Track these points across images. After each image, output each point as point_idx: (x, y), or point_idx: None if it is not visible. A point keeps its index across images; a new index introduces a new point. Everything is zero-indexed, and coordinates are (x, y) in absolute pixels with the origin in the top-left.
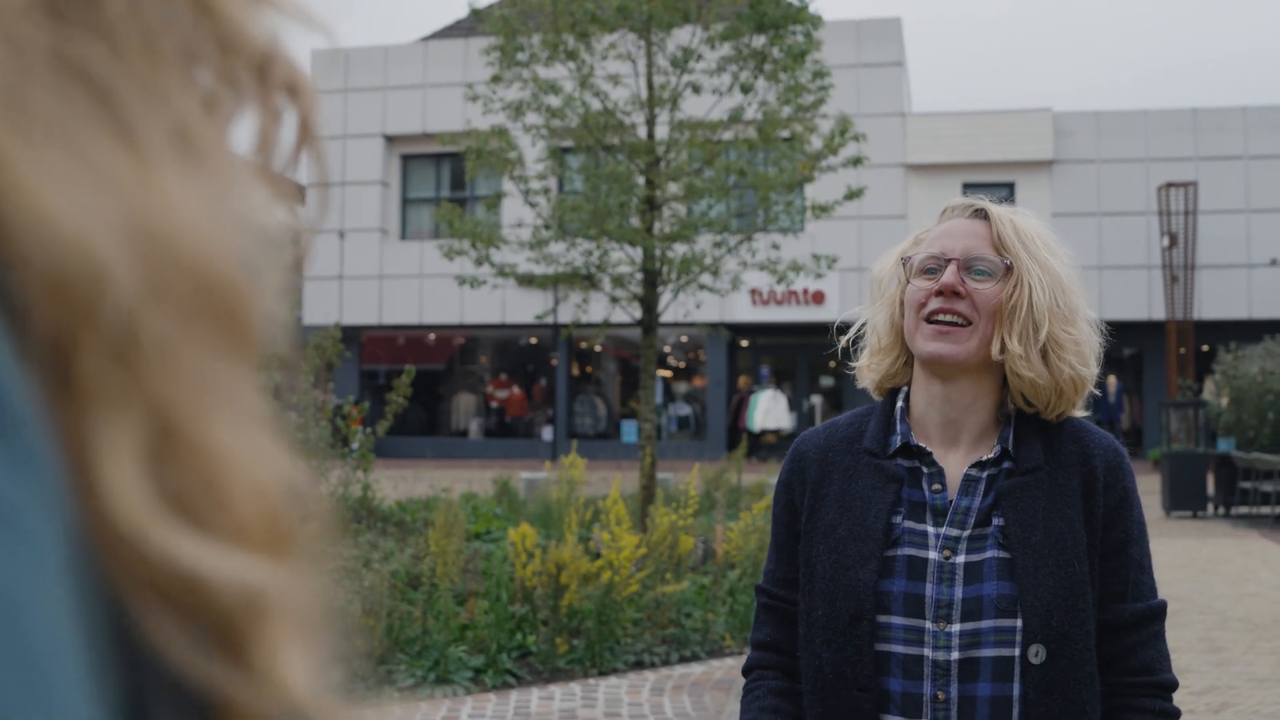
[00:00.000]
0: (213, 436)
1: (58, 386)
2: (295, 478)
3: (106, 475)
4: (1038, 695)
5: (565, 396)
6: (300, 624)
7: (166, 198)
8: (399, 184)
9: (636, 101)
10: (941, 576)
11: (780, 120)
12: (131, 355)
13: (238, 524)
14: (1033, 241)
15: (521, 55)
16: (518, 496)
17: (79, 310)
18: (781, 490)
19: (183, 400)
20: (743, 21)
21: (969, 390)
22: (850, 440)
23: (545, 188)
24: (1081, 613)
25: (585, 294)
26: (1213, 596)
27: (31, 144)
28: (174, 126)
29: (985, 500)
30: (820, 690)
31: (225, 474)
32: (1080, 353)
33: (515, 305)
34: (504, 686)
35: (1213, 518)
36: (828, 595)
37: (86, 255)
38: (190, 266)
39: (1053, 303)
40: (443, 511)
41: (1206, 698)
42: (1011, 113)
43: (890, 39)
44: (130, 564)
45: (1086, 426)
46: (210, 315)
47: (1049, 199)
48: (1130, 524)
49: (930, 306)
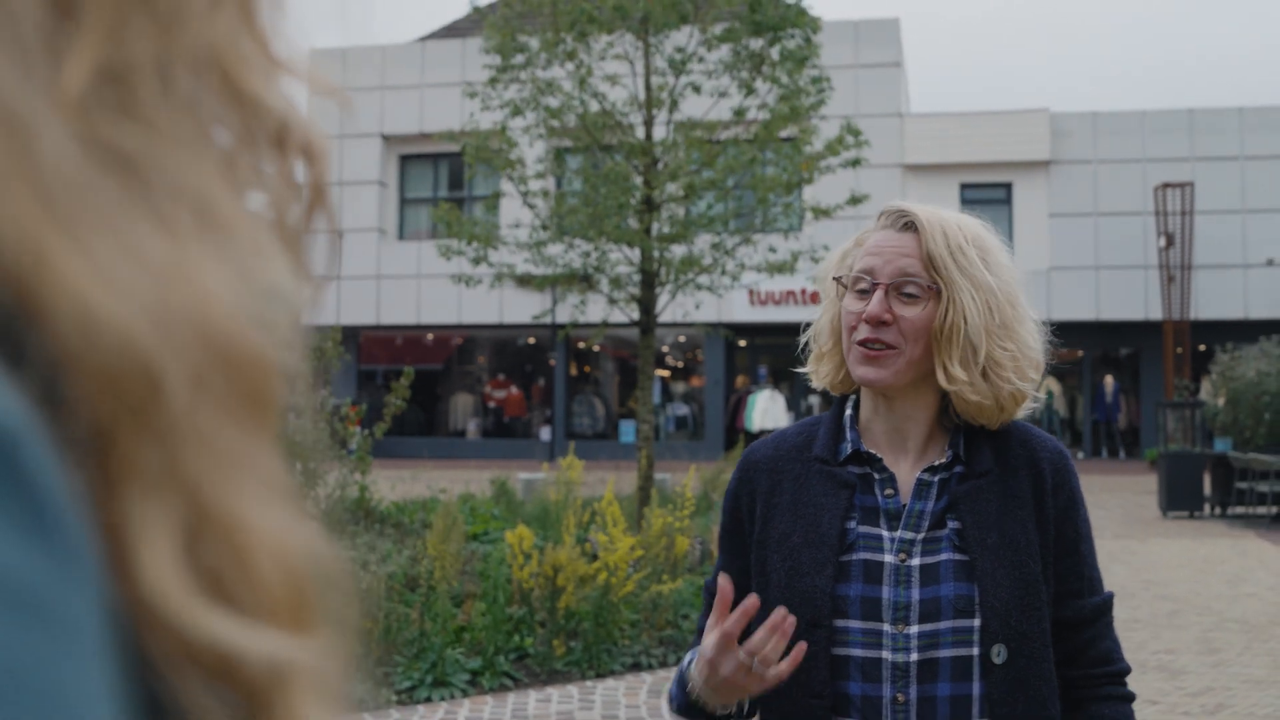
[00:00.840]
0: (241, 514)
1: (96, 471)
2: (317, 549)
3: (144, 558)
4: (1001, 694)
5: (563, 397)
6: (321, 689)
7: (200, 281)
8: (396, 184)
9: (635, 102)
10: (898, 579)
11: (779, 122)
12: (170, 440)
13: (264, 598)
14: (964, 254)
15: (520, 56)
16: (515, 497)
17: (127, 403)
18: (730, 501)
19: (214, 479)
20: (741, 24)
21: (909, 404)
22: (800, 449)
23: (544, 189)
24: (1038, 611)
25: (583, 294)
26: (1210, 597)
27: (77, 238)
28: (199, 202)
29: (938, 504)
30: (775, 696)
31: (252, 551)
32: (1019, 368)
33: (513, 305)
34: (501, 689)
35: (1209, 518)
36: (783, 602)
37: (135, 351)
38: (223, 349)
39: (988, 320)
40: (440, 514)
41: (1202, 699)
42: (1009, 113)
43: (888, 39)
44: (166, 641)
45: (1031, 430)
46: (239, 393)
47: (1046, 199)
48: (1079, 523)
49: (860, 333)
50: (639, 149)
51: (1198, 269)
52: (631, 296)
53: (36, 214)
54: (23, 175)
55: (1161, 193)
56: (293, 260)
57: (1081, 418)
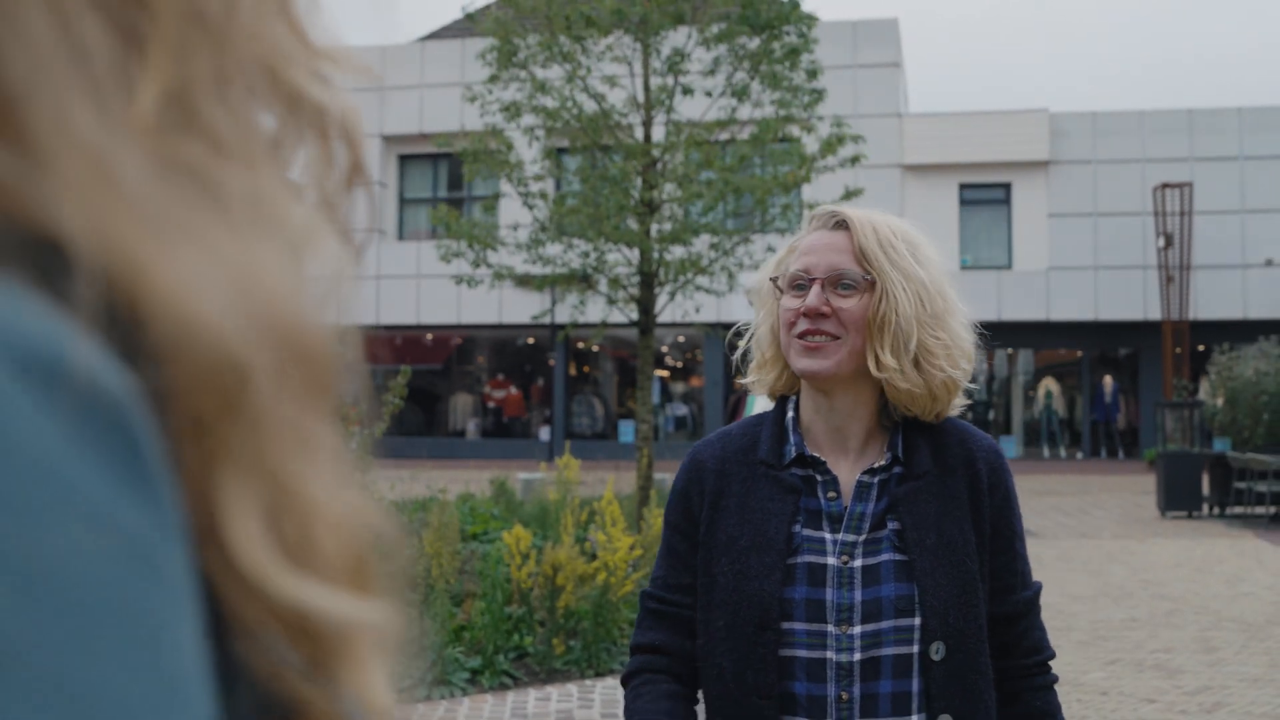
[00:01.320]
0: (312, 490)
1: (191, 454)
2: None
3: (235, 530)
4: (939, 689)
5: (563, 397)
6: (383, 647)
7: (268, 277)
8: (396, 184)
9: (633, 103)
10: (841, 581)
11: (776, 122)
12: (258, 427)
13: (331, 564)
14: (894, 249)
15: (517, 57)
16: (514, 497)
17: (221, 394)
18: (679, 500)
19: (290, 459)
20: (737, 22)
21: (849, 399)
22: (745, 451)
23: (542, 190)
24: (975, 608)
25: (582, 295)
26: (1208, 597)
27: (164, 248)
28: (257, 199)
29: (879, 505)
30: (721, 698)
31: (322, 522)
32: (950, 356)
33: (512, 306)
34: (501, 688)
35: (1208, 518)
36: (731, 605)
37: (226, 347)
38: (293, 340)
39: (919, 310)
40: (438, 513)
41: (1200, 697)
42: (1008, 113)
43: (887, 40)
44: (251, 603)
45: (968, 429)
46: (307, 380)
47: (1045, 199)
48: (1014, 520)
49: (799, 327)
50: (638, 150)
51: (1197, 269)
52: (631, 297)
53: (129, 230)
54: (113, 199)
55: (1160, 193)
56: (337, 235)
57: (1080, 418)
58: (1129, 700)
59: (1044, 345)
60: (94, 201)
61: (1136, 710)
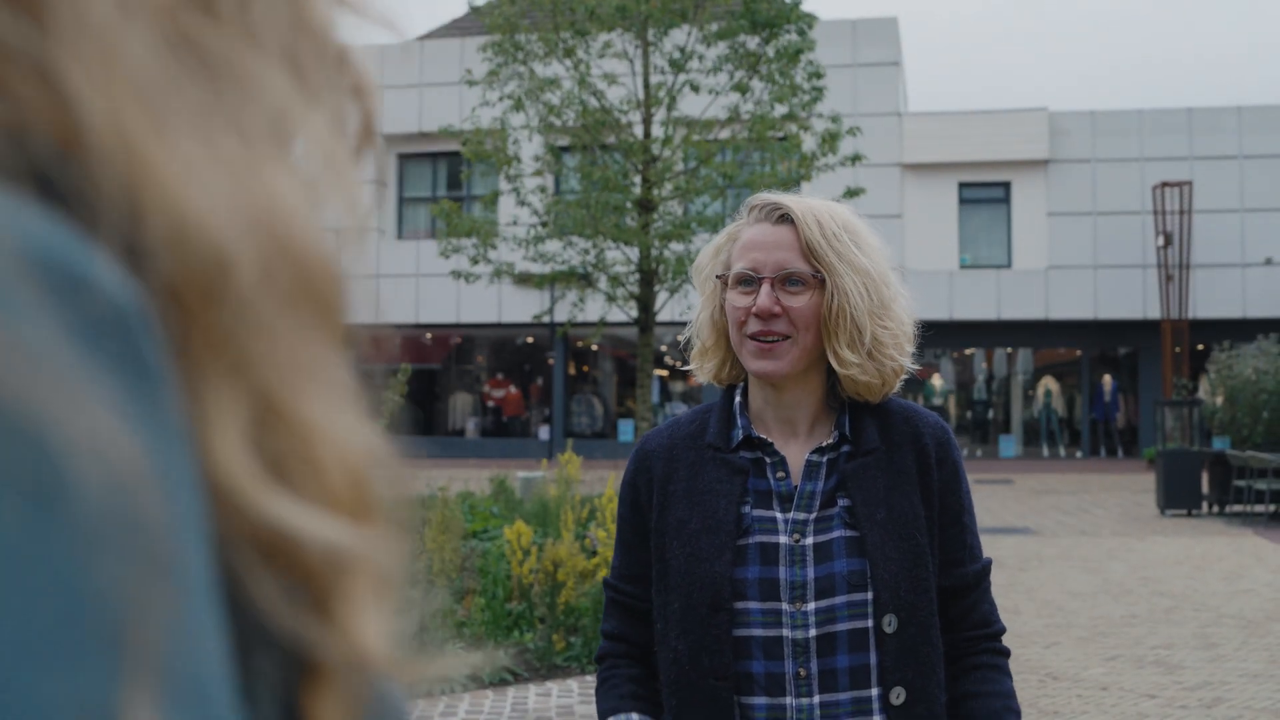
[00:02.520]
0: (308, 410)
1: (184, 356)
2: (380, 450)
3: (214, 439)
4: (893, 662)
5: (562, 396)
6: (379, 585)
7: (273, 186)
8: (395, 183)
9: (633, 101)
10: (793, 559)
11: (774, 121)
12: (243, 334)
13: (327, 490)
14: (840, 241)
15: (519, 53)
16: (514, 495)
17: (204, 292)
18: (627, 490)
19: (283, 376)
20: (737, 20)
21: (798, 391)
22: (693, 437)
23: (541, 185)
24: (924, 581)
25: (582, 293)
26: (1207, 594)
27: (170, 136)
28: (274, 112)
29: (828, 483)
30: (677, 681)
31: (317, 444)
32: (899, 344)
33: (512, 304)
34: (501, 683)
35: (1207, 516)
36: (684, 589)
37: (214, 243)
38: (294, 252)
39: (870, 303)
40: (439, 509)
41: (1200, 693)
42: (1007, 112)
43: (886, 39)
44: (230, 520)
45: (913, 407)
46: (308, 298)
47: (1044, 198)
48: (962, 494)
49: (750, 327)
50: (637, 148)
51: (1196, 268)
52: (630, 295)
53: (130, 110)
54: (116, 74)
55: (1160, 192)
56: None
57: (1080, 417)
58: (1129, 695)
59: (1043, 344)
60: (98, 77)
61: (1137, 705)
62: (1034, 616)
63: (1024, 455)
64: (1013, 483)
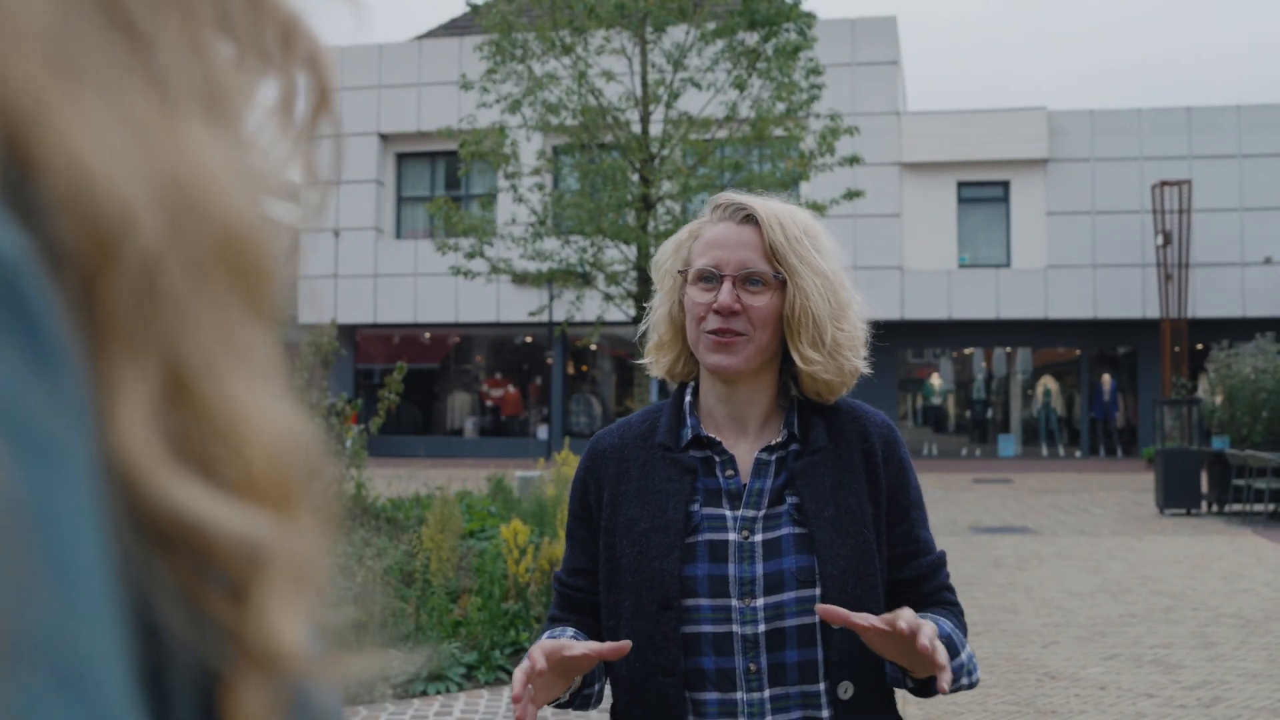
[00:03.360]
0: (226, 389)
1: (84, 326)
2: (305, 436)
3: (118, 415)
4: (840, 657)
5: (561, 395)
6: (298, 579)
7: (194, 152)
8: (394, 183)
9: (631, 99)
10: (742, 556)
11: (773, 119)
12: (152, 302)
13: (245, 476)
14: (801, 244)
15: (517, 51)
16: (512, 495)
17: (106, 253)
18: (578, 488)
19: (198, 351)
20: (736, 18)
21: (751, 388)
22: (644, 436)
23: (540, 183)
24: (872, 577)
25: (580, 291)
26: (1206, 593)
27: (73, 91)
28: (204, 83)
29: (777, 480)
30: (626, 678)
31: (236, 427)
32: (854, 346)
33: (510, 304)
34: (497, 683)
35: (1206, 515)
36: (634, 587)
37: (117, 201)
38: (212, 221)
39: (829, 305)
40: (437, 508)
41: (1199, 692)
42: (1006, 111)
43: (885, 38)
44: (132, 502)
45: (860, 407)
46: (229, 270)
47: (1043, 198)
48: (910, 489)
49: (710, 324)
50: (635, 146)
51: (1195, 267)
52: (628, 293)
53: (36, 64)
54: (23, 25)
55: (1159, 191)
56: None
57: (1079, 416)
58: (1128, 695)
59: (1042, 344)
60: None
61: (1135, 705)
62: (1032, 616)
63: (1023, 455)
64: (1012, 482)
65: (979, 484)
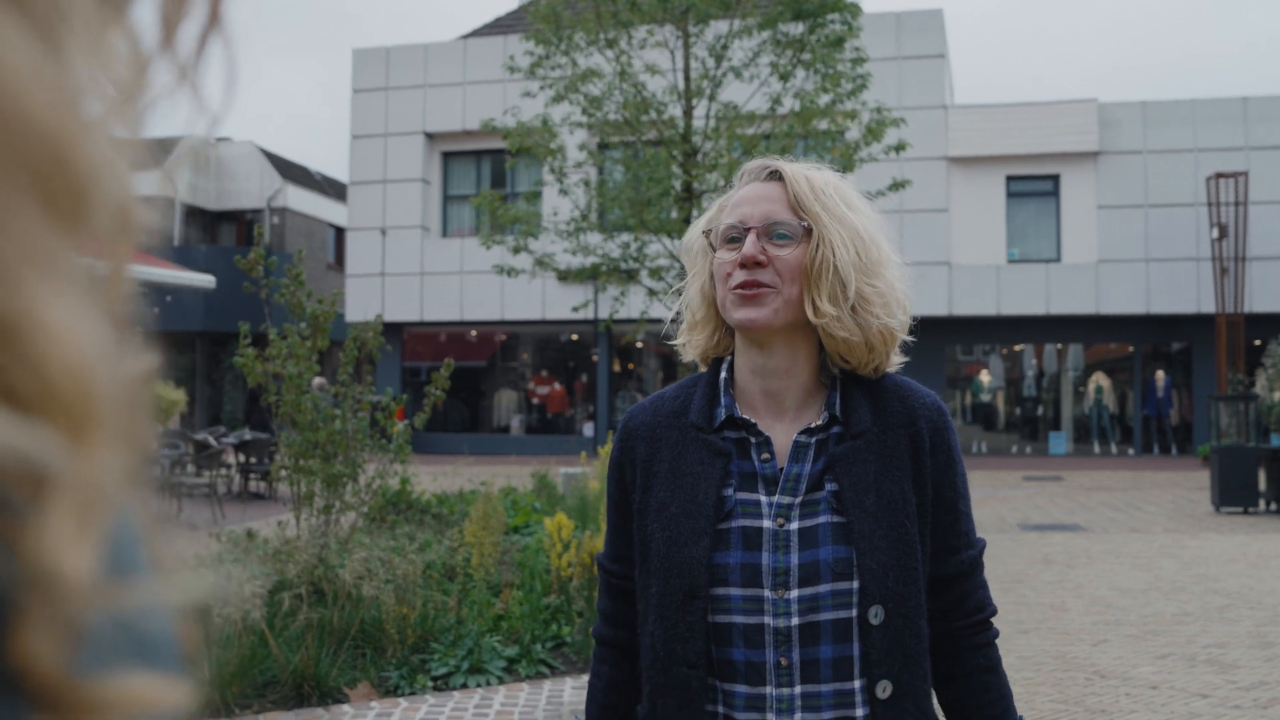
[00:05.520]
0: (24, 302)
1: None
2: (114, 357)
3: None
4: (879, 655)
5: (606, 393)
6: (91, 505)
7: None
8: (440, 181)
9: (674, 92)
10: (777, 544)
11: (818, 110)
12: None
13: (41, 394)
14: (829, 198)
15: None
16: (556, 490)
17: None
18: (614, 471)
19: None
20: (780, 9)
21: (786, 356)
22: (676, 415)
23: (585, 178)
24: (913, 571)
25: (623, 287)
26: (1263, 592)
27: None
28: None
29: (816, 465)
30: (653, 666)
31: (34, 341)
32: (886, 304)
33: (555, 301)
34: (537, 676)
35: (1264, 513)
36: (662, 573)
37: None
38: (19, 126)
39: (855, 258)
40: (480, 503)
41: (1255, 693)
42: (1055, 104)
43: (931, 31)
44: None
45: (909, 385)
46: (41, 181)
47: (1094, 191)
48: (957, 480)
49: (735, 278)
50: (679, 139)
51: (1252, 261)
52: (670, 288)
53: None
54: None
55: (1214, 183)
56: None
57: (1132, 413)
58: (1180, 695)
59: (1094, 340)
60: None
61: (1188, 704)
62: (1081, 614)
63: (1075, 452)
64: (1063, 480)
65: (1029, 481)
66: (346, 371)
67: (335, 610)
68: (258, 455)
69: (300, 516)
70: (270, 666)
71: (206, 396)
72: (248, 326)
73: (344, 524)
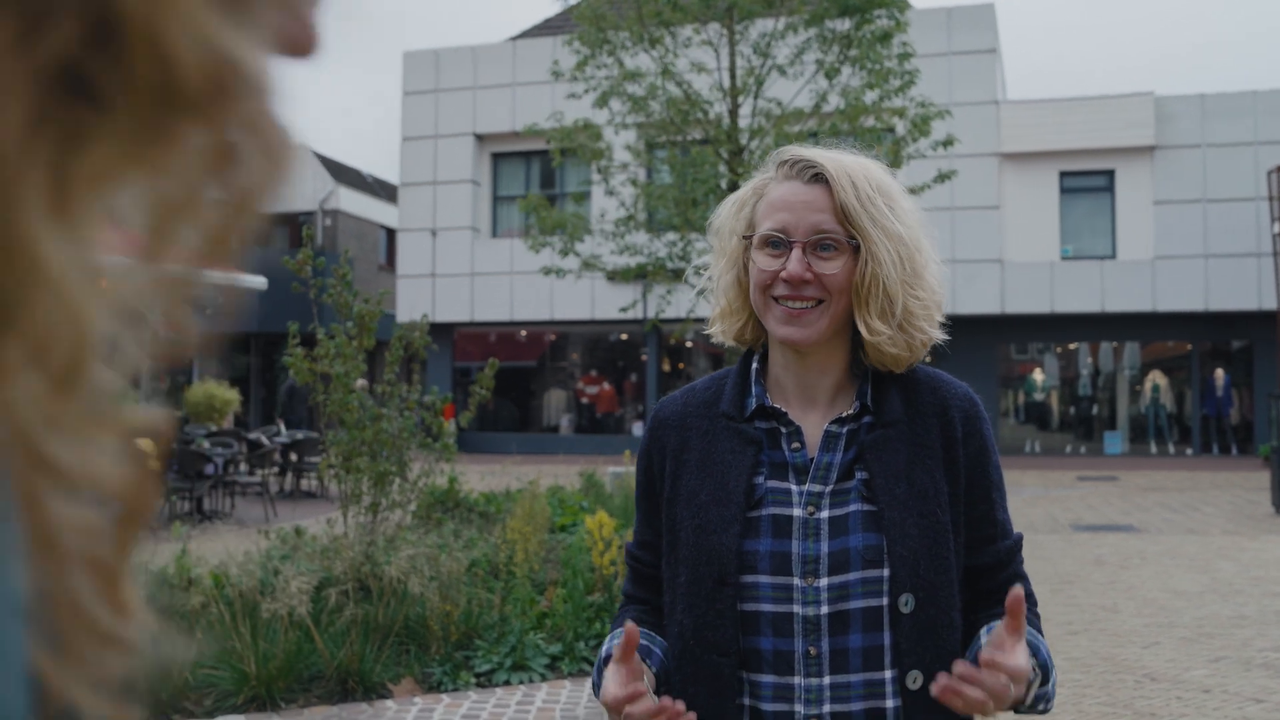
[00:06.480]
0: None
1: None
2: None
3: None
4: (909, 643)
5: (655, 392)
6: None
7: None
8: (490, 182)
9: (719, 90)
10: (807, 533)
11: (864, 107)
12: None
13: None
14: (874, 204)
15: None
16: (604, 489)
17: None
18: (643, 460)
19: None
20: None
21: (822, 357)
22: (707, 404)
23: (633, 177)
24: (945, 560)
25: (670, 286)
26: None
27: None
28: None
29: (847, 455)
30: (682, 655)
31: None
32: (929, 315)
33: (604, 301)
34: (580, 674)
35: None
36: (691, 561)
37: None
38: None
39: (901, 269)
40: (525, 501)
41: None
42: (1111, 98)
43: (983, 25)
44: None
45: (940, 376)
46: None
47: (1150, 186)
48: (991, 470)
49: (778, 290)
50: (724, 136)
51: None
52: None
53: None
54: None
55: (1276, 176)
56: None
57: (1190, 412)
58: (1234, 699)
59: (1150, 338)
60: None
61: (1242, 709)
62: (1133, 615)
63: (1130, 452)
64: (1118, 480)
65: (1083, 481)
66: (393, 371)
67: (380, 606)
68: (307, 454)
69: (348, 514)
70: (316, 661)
71: (261, 397)
72: (296, 326)
73: (391, 521)
